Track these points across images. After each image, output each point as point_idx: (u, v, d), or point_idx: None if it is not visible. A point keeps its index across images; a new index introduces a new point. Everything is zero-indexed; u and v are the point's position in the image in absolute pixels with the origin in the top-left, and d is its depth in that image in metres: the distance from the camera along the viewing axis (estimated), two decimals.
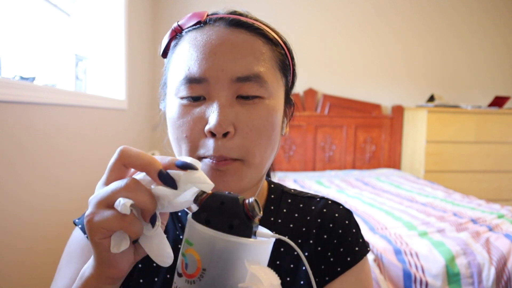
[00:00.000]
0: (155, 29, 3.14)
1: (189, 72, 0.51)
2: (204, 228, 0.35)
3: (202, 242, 0.35)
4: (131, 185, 0.36)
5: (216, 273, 0.34)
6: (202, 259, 0.34)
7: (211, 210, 0.36)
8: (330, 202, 0.65)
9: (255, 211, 0.35)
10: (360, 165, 3.38)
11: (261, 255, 0.36)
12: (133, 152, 0.38)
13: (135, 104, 2.56)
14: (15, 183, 1.20)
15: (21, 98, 1.20)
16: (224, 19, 0.54)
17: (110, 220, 0.35)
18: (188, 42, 0.53)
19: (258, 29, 0.54)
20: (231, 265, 0.34)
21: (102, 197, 0.36)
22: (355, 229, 0.63)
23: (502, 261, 1.46)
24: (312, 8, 3.35)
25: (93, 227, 0.36)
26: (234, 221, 0.35)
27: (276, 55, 0.56)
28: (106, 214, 0.36)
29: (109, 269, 0.39)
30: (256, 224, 0.36)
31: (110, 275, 0.39)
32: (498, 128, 3.09)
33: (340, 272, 0.59)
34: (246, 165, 0.52)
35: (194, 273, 0.35)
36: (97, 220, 0.36)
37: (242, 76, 0.51)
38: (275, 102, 0.54)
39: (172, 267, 0.56)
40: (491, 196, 3.05)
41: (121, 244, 0.37)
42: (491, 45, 3.56)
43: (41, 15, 1.81)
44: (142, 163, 0.37)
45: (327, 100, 3.32)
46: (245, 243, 0.34)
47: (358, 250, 0.61)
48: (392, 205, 2.15)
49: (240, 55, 0.51)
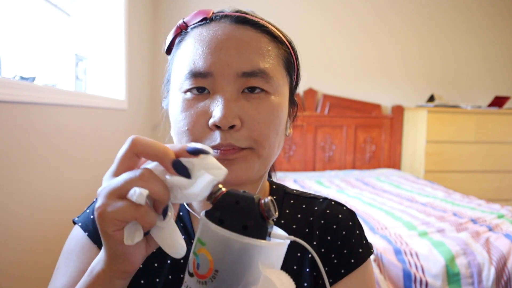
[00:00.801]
0: (155, 29, 3.14)
1: (194, 66, 0.51)
2: (218, 228, 0.33)
3: (216, 243, 0.34)
4: (146, 174, 0.35)
5: (228, 275, 0.33)
6: (215, 260, 0.33)
7: (225, 209, 0.34)
8: (333, 203, 0.64)
9: (271, 211, 0.34)
10: (360, 165, 3.38)
11: (276, 257, 0.35)
12: (146, 140, 0.36)
13: (135, 104, 2.56)
14: (15, 183, 1.20)
15: (21, 98, 1.20)
16: (230, 17, 0.54)
17: (124, 210, 0.34)
18: (194, 37, 0.53)
19: (263, 26, 0.54)
20: (244, 268, 0.33)
21: (115, 187, 0.35)
22: (358, 230, 0.62)
23: (502, 261, 1.46)
24: (312, 8, 3.34)
25: (106, 219, 0.34)
26: (249, 222, 0.34)
27: (282, 53, 0.56)
28: (119, 205, 0.34)
29: (122, 263, 0.37)
30: (271, 225, 0.35)
31: (123, 269, 0.38)
32: (498, 128, 3.09)
33: (344, 274, 0.57)
34: (255, 155, 0.51)
35: (206, 274, 0.34)
36: (110, 211, 0.34)
37: (248, 72, 0.50)
38: (280, 99, 0.54)
39: (173, 267, 0.56)
40: (491, 196, 3.05)
41: (134, 236, 0.35)
42: (491, 45, 3.56)
43: (41, 15, 1.80)
44: (156, 152, 0.35)
45: (327, 100, 3.32)
46: (259, 245, 0.33)
47: (362, 251, 0.59)
48: (392, 205, 2.15)
49: (246, 51, 0.51)
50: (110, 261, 0.38)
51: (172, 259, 0.56)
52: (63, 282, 0.53)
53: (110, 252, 0.37)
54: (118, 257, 0.37)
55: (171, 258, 0.56)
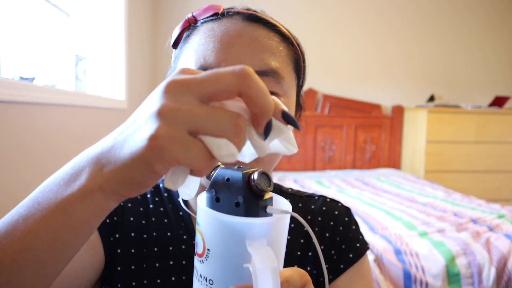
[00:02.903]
0: (155, 29, 3.14)
1: (204, 62, 0.50)
2: (204, 208, 0.34)
3: (205, 222, 0.34)
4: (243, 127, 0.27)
5: (219, 253, 0.33)
6: (206, 239, 0.34)
7: (219, 187, 0.34)
8: (329, 200, 0.65)
9: (261, 186, 0.33)
10: (360, 165, 3.38)
11: (269, 233, 0.34)
12: (259, 85, 0.27)
13: (135, 104, 2.56)
14: (15, 183, 1.20)
15: (21, 98, 1.20)
16: (241, 14, 0.53)
17: (195, 157, 0.26)
18: (204, 32, 0.52)
19: (275, 26, 0.54)
20: (233, 245, 0.33)
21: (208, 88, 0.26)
22: (354, 225, 0.64)
23: (502, 261, 1.46)
24: (312, 8, 3.35)
25: (168, 152, 0.25)
26: (239, 198, 0.33)
27: (292, 54, 0.55)
28: (194, 147, 0.26)
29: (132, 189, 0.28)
30: (265, 199, 0.34)
31: (128, 194, 0.29)
32: (498, 128, 3.09)
33: (343, 269, 0.59)
34: (257, 161, 0.51)
35: (202, 253, 0.34)
36: (178, 149, 0.25)
37: (260, 70, 0.50)
38: (289, 100, 0.54)
39: (175, 269, 0.55)
40: (491, 196, 3.05)
41: (178, 179, 0.28)
42: (491, 45, 3.56)
43: (41, 15, 1.80)
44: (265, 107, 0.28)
45: (327, 100, 3.32)
46: (242, 222, 0.32)
47: (359, 246, 0.61)
48: (392, 205, 2.15)
49: (258, 49, 0.50)
50: (117, 184, 0.28)
51: (174, 260, 0.55)
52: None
53: (126, 177, 0.27)
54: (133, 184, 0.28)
55: (173, 260, 0.55)
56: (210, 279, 0.34)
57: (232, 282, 0.33)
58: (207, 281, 0.34)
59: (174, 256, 0.55)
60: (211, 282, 0.34)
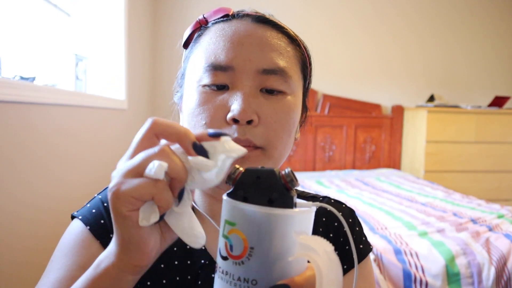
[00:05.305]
0: (155, 29, 3.14)
1: (215, 59, 0.51)
2: (246, 205, 0.33)
3: (246, 220, 0.33)
4: (166, 150, 0.33)
5: (265, 250, 0.33)
6: (248, 238, 0.33)
7: (248, 187, 0.34)
8: (333, 201, 0.66)
9: (293, 181, 0.34)
10: (360, 165, 3.38)
11: (306, 224, 0.35)
12: (167, 121, 0.35)
13: (135, 104, 2.56)
14: (15, 183, 1.20)
15: (21, 98, 1.20)
16: (251, 16, 0.55)
17: (141, 187, 0.32)
18: (215, 32, 0.54)
19: (283, 28, 0.56)
20: (279, 239, 0.33)
21: (132, 165, 0.33)
22: (358, 227, 0.64)
23: (502, 261, 1.46)
24: (312, 8, 3.35)
25: (121, 197, 0.32)
26: (274, 194, 0.33)
27: (299, 55, 0.57)
28: (136, 182, 0.32)
29: (135, 253, 0.35)
30: (294, 194, 0.35)
31: (135, 261, 0.35)
32: (498, 128, 3.09)
33: (346, 270, 0.60)
34: (267, 156, 0.51)
35: (241, 254, 0.33)
36: (125, 188, 0.32)
37: (268, 69, 0.51)
38: (296, 100, 0.55)
39: (180, 269, 0.54)
40: (491, 196, 3.05)
41: (150, 217, 0.33)
42: (491, 45, 3.56)
43: (41, 15, 1.81)
44: (177, 132, 0.34)
45: (327, 100, 3.32)
46: (290, 214, 0.33)
47: (362, 247, 0.63)
48: (392, 205, 2.15)
49: (267, 48, 0.52)
50: (122, 252, 0.35)
51: (179, 260, 0.55)
52: (59, 275, 0.50)
53: (123, 239, 0.35)
54: (132, 245, 0.35)
55: (178, 259, 0.55)
56: (254, 279, 0.33)
57: (277, 278, 0.33)
58: (249, 282, 0.33)
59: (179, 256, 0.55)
60: (254, 282, 0.33)
